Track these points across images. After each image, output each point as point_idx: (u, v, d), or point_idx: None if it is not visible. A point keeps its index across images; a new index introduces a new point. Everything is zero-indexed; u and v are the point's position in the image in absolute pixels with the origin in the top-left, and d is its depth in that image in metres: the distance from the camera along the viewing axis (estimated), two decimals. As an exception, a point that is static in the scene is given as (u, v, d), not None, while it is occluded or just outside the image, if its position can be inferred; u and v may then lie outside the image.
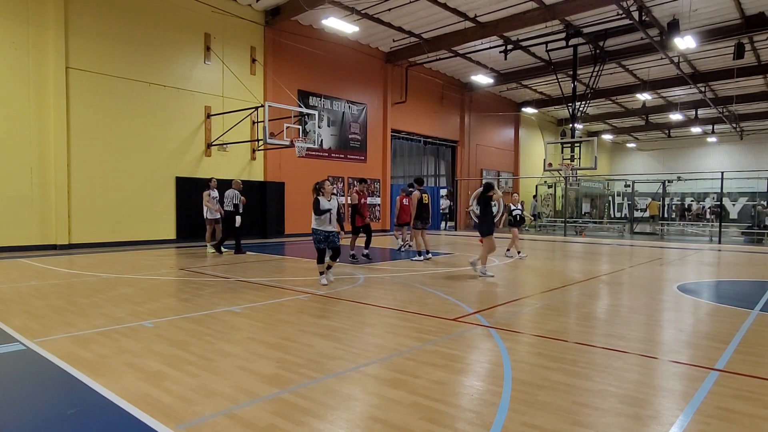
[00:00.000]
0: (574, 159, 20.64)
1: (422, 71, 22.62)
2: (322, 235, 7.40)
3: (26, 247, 11.88)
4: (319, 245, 7.40)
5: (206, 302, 6.17)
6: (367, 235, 10.90)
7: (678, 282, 8.23)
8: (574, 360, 4.00)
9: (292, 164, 17.09)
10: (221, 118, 15.39)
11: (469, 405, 3.11)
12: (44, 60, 12.09)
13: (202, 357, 3.98)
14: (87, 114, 12.78)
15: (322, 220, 7.32)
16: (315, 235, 7.41)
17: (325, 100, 18.70)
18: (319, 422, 2.83)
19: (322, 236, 7.40)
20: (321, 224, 7.36)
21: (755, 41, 18.88)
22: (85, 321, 5.15)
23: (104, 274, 8.34)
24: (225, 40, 15.55)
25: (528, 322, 5.37)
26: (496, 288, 7.57)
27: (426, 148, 24.70)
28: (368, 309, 5.88)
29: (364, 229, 10.88)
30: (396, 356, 4.06)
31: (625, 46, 19.50)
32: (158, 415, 2.88)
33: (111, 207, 13.22)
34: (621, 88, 25.63)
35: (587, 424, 2.83)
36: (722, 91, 25.71)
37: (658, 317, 5.72)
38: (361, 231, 10.90)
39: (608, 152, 41.46)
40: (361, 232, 10.92)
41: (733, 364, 3.94)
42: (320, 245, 7.41)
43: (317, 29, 17.81)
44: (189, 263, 10.07)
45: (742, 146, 35.53)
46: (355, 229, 10.93)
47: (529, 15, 16.12)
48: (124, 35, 13.37)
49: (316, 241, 7.41)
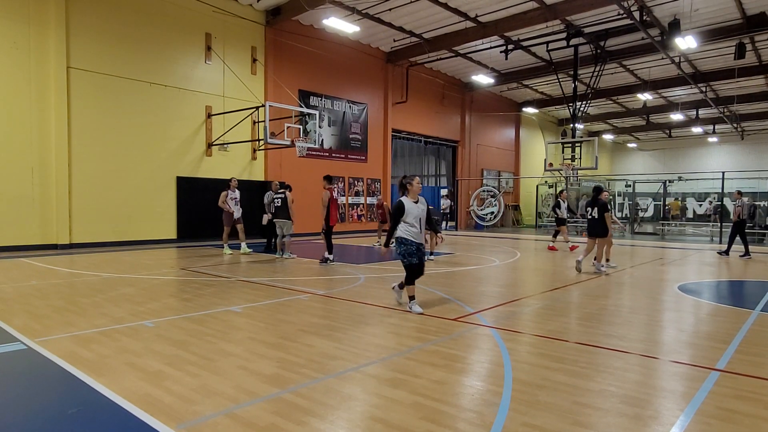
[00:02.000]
0: (574, 159, 20.64)
1: (423, 71, 22.62)
2: (413, 246, 5.66)
3: (27, 247, 11.89)
4: (411, 259, 5.66)
5: (207, 302, 6.17)
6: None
7: (679, 282, 8.22)
8: (575, 360, 4.00)
9: (293, 164, 17.09)
10: (222, 118, 15.40)
11: (469, 405, 3.11)
12: (45, 60, 12.10)
13: (202, 357, 3.99)
14: (88, 114, 12.79)
15: (413, 227, 5.65)
16: (404, 247, 5.67)
17: (325, 99, 18.70)
18: (320, 422, 2.83)
19: (413, 248, 5.67)
20: (412, 233, 5.65)
21: (756, 41, 18.86)
22: (85, 321, 5.15)
23: (105, 274, 8.35)
24: (226, 39, 15.56)
25: (528, 322, 5.37)
26: (496, 288, 7.57)
27: (427, 148, 24.70)
28: (369, 309, 5.88)
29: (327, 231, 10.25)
30: (396, 356, 4.06)
31: (625, 46, 19.48)
32: (159, 415, 2.89)
33: (112, 207, 13.23)
34: (622, 88, 25.62)
35: (588, 425, 2.83)
36: (723, 91, 25.69)
37: (659, 317, 5.72)
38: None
39: (609, 152, 41.44)
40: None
41: (733, 364, 3.94)
42: (412, 259, 5.66)
43: (318, 29, 17.82)
44: (190, 263, 10.08)
45: (743, 146, 35.49)
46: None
47: (530, 15, 16.11)
48: (125, 35, 13.38)
49: (406, 254, 5.66)
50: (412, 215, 5.62)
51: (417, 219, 5.65)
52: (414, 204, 5.66)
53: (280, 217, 10.93)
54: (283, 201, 10.85)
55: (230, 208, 11.73)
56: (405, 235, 5.63)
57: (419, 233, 5.69)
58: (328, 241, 10.26)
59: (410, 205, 5.64)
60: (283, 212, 10.86)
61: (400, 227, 5.66)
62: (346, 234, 19.32)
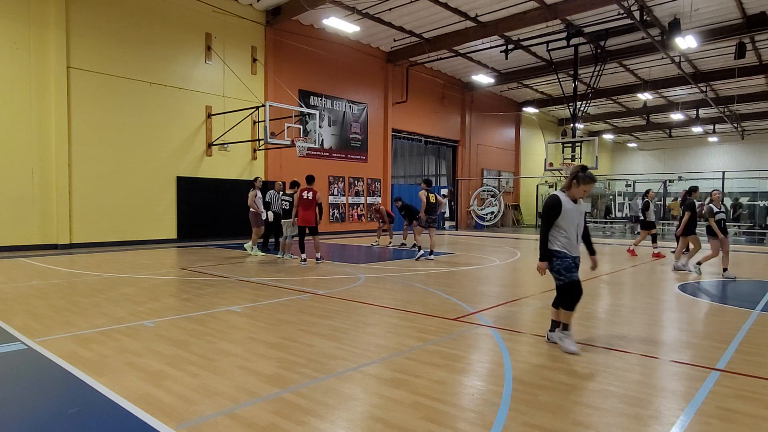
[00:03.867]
0: (575, 159, 20.66)
1: (423, 71, 22.62)
2: (569, 259, 4.34)
3: (27, 247, 11.89)
4: (571, 276, 4.32)
5: (207, 302, 6.17)
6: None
7: (679, 282, 8.22)
8: (575, 360, 4.00)
9: (293, 164, 17.09)
10: (222, 118, 15.40)
11: (469, 405, 3.11)
12: (45, 60, 12.10)
13: (202, 357, 3.99)
14: (88, 114, 12.79)
15: (567, 236, 4.34)
16: (562, 262, 4.32)
17: (325, 99, 18.70)
18: (320, 422, 2.83)
19: (572, 263, 4.35)
20: (565, 243, 4.34)
21: (756, 41, 18.85)
22: (86, 320, 5.15)
23: (105, 274, 8.35)
24: (226, 39, 15.56)
25: (529, 322, 5.37)
26: (496, 288, 7.56)
27: (427, 148, 24.70)
28: (369, 309, 5.88)
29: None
30: (397, 356, 4.06)
31: (626, 46, 19.48)
32: (159, 415, 2.89)
33: (112, 207, 13.24)
34: (622, 88, 25.62)
35: (588, 424, 2.83)
36: (723, 90, 25.68)
37: (659, 317, 5.72)
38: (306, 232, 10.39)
39: (609, 152, 41.43)
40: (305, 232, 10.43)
41: (734, 364, 3.94)
42: (572, 275, 4.32)
43: (318, 29, 17.82)
44: (190, 263, 10.08)
45: (743, 146, 35.48)
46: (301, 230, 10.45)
47: (530, 15, 16.11)
48: (125, 35, 13.38)
49: (564, 270, 4.31)
50: (569, 220, 4.29)
51: (575, 226, 4.34)
52: (574, 205, 4.32)
53: (289, 217, 10.95)
54: (290, 203, 10.88)
55: (259, 208, 11.69)
56: (556, 246, 4.32)
57: (576, 245, 4.37)
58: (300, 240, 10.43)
59: (569, 206, 4.29)
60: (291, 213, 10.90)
61: (551, 233, 4.36)
62: (346, 234, 19.32)
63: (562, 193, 4.36)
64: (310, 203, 10.12)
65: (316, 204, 10.15)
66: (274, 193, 11.83)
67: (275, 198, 11.76)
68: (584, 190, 4.29)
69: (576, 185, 4.28)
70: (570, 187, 4.33)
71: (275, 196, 11.77)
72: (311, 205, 10.12)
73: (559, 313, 4.43)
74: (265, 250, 12.04)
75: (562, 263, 4.31)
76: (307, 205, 10.14)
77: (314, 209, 10.12)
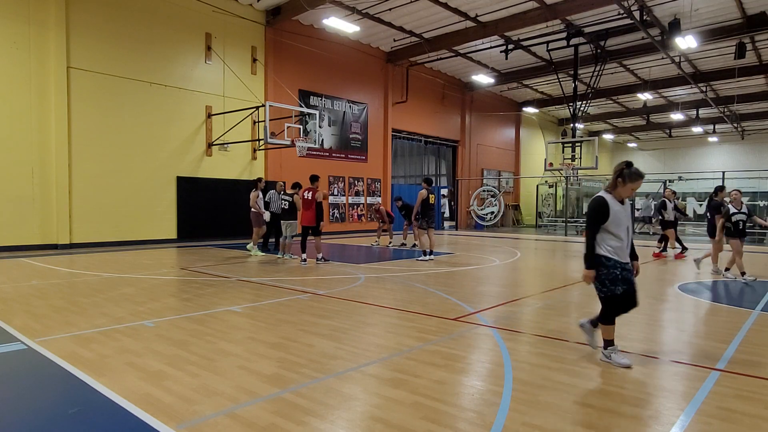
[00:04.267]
0: (575, 159, 20.67)
1: (423, 71, 22.62)
2: (617, 269, 3.91)
3: (27, 247, 11.89)
4: (614, 288, 3.89)
5: (207, 302, 6.17)
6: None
7: (679, 282, 8.22)
8: (575, 360, 4.00)
9: (293, 164, 17.09)
10: (222, 118, 15.40)
11: (470, 405, 3.11)
12: (45, 59, 12.10)
13: (202, 357, 3.99)
14: (88, 114, 12.79)
15: (617, 239, 3.93)
16: (609, 272, 3.90)
17: (325, 99, 18.70)
18: (320, 422, 2.83)
19: (617, 272, 3.91)
20: (614, 248, 3.92)
21: (756, 41, 18.86)
22: (86, 320, 5.15)
23: (105, 274, 8.35)
24: (226, 39, 15.56)
25: (529, 322, 5.37)
26: (496, 288, 7.56)
27: (427, 148, 24.71)
28: (369, 309, 5.88)
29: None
30: (397, 356, 4.06)
31: (626, 46, 19.49)
32: (159, 415, 2.89)
33: (112, 206, 13.24)
34: (622, 88, 25.62)
35: (588, 424, 2.83)
36: (723, 90, 25.69)
37: (659, 317, 5.72)
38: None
39: (609, 152, 41.42)
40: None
41: (734, 364, 3.94)
42: (615, 288, 3.89)
43: (318, 29, 17.82)
44: (190, 263, 10.08)
45: (743, 146, 35.49)
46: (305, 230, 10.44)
47: (530, 15, 16.12)
48: (125, 35, 13.38)
49: (609, 282, 3.89)
50: (618, 222, 3.90)
51: (625, 229, 3.95)
52: (621, 206, 3.95)
53: (288, 218, 10.97)
54: (290, 203, 10.89)
55: (261, 208, 11.72)
56: (604, 252, 3.91)
57: (626, 249, 3.98)
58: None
59: (616, 207, 3.91)
60: (290, 213, 10.91)
61: (597, 238, 3.95)
62: (346, 234, 19.32)
63: (607, 193, 3.96)
64: (310, 203, 10.16)
65: (315, 204, 10.15)
66: (274, 194, 11.86)
67: (274, 198, 11.79)
68: (632, 188, 3.89)
69: (622, 183, 3.89)
70: (615, 186, 3.92)
71: (275, 197, 11.80)
72: (311, 205, 10.15)
73: (608, 330, 3.98)
74: (265, 250, 12.05)
75: (608, 273, 3.89)
76: (307, 205, 10.19)
77: (314, 209, 10.13)
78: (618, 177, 3.90)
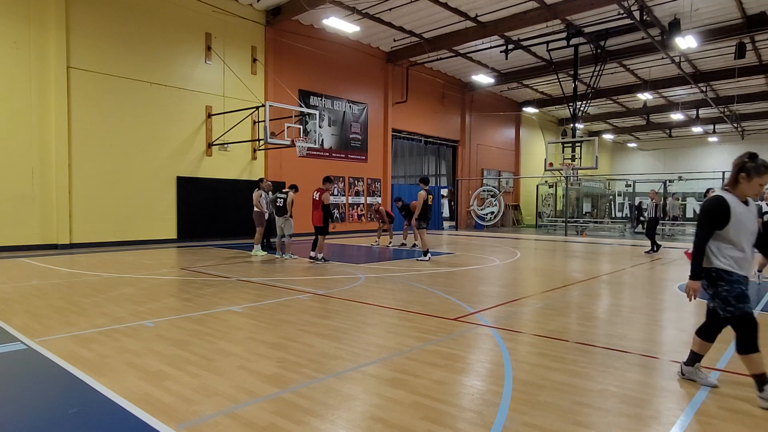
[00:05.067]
0: (575, 159, 20.66)
1: (423, 71, 22.62)
2: (744, 287, 3.26)
3: (27, 247, 11.89)
4: (743, 307, 3.20)
5: (207, 302, 6.17)
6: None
7: (679, 282, 8.22)
8: (575, 360, 4.00)
9: (293, 164, 17.10)
10: (222, 118, 15.40)
11: (469, 405, 3.11)
12: (45, 59, 12.10)
13: (202, 357, 3.99)
14: (88, 114, 12.79)
15: (738, 249, 3.24)
16: (732, 288, 3.23)
17: (325, 99, 18.70)
18: (320, 422, 2.83)
19: (745, 289, 3.25)
20: (736, 259, 3.24)
21: (756, 41, 18.86)
22: (86, 320, 5.15)
23: (105, 274, 8.35)
24: (226, 39, 15.57)
25: (529, 322, 5.37)
26: (496, 288, 7.56)
27: (427, 148, 24.71)
28: (369, 309, 5.88)
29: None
30: (397, 356, 4.06)
31: (626, 46, 19.49)
32: (159, 415, 2.89)
33: (112, 207, 13.24)
34: (622, 88, 25.63)
35: (588, 424, 2.83)
36: (723, 90, 25.69)
37: (659, 317, 5.72)
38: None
39: (609, 152, 41.45)
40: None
41: (734, 363, 3.93)
42: (745, 306, 3.21)
43: (318, 29, 17.82)
44: (190, 263, 10.08)
45: (743, 146, 35.43)
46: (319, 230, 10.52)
47: (530, 15, 16.12)
48: (125, 35, 13.38)
49: (736, 299, 3.21)
50: (742, 228, 3.21)
51: (749, 235, 3.24)
52: (745, 208, 3.23)
53: (281, 214, 11.04)
54: (284, 201, 10.95)
55: (264, 208, 11.73)
56: (723, 265, 3.23)
57: (750, 260, 3.27)
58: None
59: (740, 209, 3.21)
60: (283, 212, 10.98)
61: (713, 246, 3.27)
62: (346, 234, 19.32)
63: (727, 193, 3.25)
64: (317, 204, 10.43)
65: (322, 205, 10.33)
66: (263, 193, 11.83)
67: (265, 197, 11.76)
68: (759, 183, 3.18)
69: (746, 179, 3.19)
70: (736, 182, 3.23)
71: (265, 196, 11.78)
72: (317, 206, 10.42)
73: (704, 346, 3.48)
74: (266, 249, 12.06)
75: (731, 290, 3.19)
76: (315, 205, 10.49)
77: (320, 209, 10.34)
78: (740, 172, 3.21)
